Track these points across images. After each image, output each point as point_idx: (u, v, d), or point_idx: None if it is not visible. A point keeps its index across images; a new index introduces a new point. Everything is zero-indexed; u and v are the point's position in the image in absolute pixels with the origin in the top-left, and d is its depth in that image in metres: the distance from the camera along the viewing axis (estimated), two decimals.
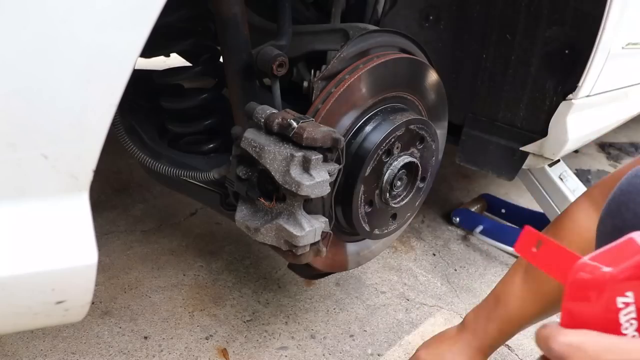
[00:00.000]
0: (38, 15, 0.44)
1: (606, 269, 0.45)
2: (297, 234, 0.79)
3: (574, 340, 0.46)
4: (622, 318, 0.46)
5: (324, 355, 1.16)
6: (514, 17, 1.18)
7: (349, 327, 1.25)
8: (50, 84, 0.47)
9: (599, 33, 1.08)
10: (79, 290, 0.57)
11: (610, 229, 0.65)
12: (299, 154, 0.75)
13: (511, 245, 1.61)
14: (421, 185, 1.03)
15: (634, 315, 0.46)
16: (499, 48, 1.23)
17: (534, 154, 1.29)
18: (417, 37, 1.05)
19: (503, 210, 1.83)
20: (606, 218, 0.66)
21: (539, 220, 1.72)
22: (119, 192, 1.69)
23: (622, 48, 1.25)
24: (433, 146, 1.01)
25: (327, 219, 0.86)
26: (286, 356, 1.14)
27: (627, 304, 0.46)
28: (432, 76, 1.04)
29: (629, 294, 0.46)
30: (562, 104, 1.19)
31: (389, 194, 0.96)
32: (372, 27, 0.95)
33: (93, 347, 1.10)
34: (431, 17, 1.30)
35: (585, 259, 0.46)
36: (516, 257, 1.62)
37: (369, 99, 0.91)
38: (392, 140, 0.91)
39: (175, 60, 1.21)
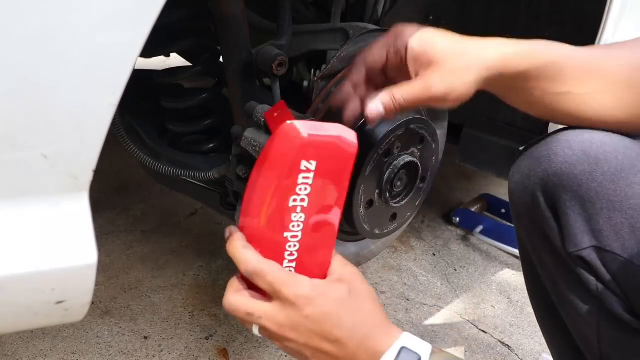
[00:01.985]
0: (38, 15, 0.44)
1: (304, 132, 0.55)
2: None
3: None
4: (300, 179, 0.56)
5: None
6: (514, 17, 1.18)
7: None
8: (50, 84, 0.47)
9: (599, 33, 1.08)
10: (79, 290, 0.57)
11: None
12: None
13: (511, 245, 1.61)
14: (421, 185, 1.03)
15: (310, 181, 0.57)
16: None
17: None
18: None
19: (503, 210, 1.83)
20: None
21: None
22: (119, 192, 1.69)
23: None
24: (433, 146, 1.01)
25: None
26: (286, 356, 1.14)
27: (308, 170, 0.56)
28: None
29: (313, 162, 0.56)
30: None
31: (389, 194, 0.96)
32: (372, 27, 0.95)
33: (93, 347, 1.10)
34: (431, 17, 1.30)
35: (296, 122, 0.55)
36: (516, 257, 1.63)
37: None
38: (392, 139, 0.91)
39: (175, 60, 1.21)
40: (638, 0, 1.18)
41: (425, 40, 0.64)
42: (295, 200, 0.58)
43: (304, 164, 0.56)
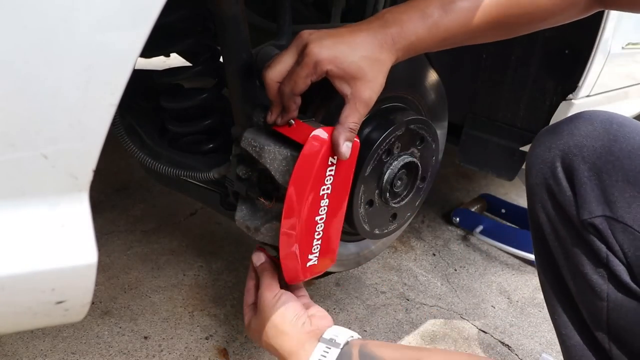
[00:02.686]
0: (38, 15, 0.44)
1: (326, 137, 0.70)
2: None
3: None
4: (328, 172, 0.74)
5: None
6: None
7: (349, 327, 1.25)
8: (50, 84, 0.47)
9: (599, 33, 1.08)
10: (79, 290, 0.57)
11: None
12: (298, 153, 0.75)
13: (511, 245, 1.61)
14: (421, 185, 1.03)
15: (333, 172, 0.74)
16: (498, 48, 1.23)
17: None
18: None
19: (503, 210, 1.83)
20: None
21: None
22: (119, 192, 1.69)
23: (622, 48, 1.25)
24: (433, 146, 1.01)
25: None
26: None
27: (332, 164, 0.73)
28: (432, 76, 1.04)
29: (335, 157, 0.73)
30: (562, 104, 1.19)
31: (389, 194, 0.96)
32: None
33: (93, 347, 1.10)
34: None
35: (316, 131, 0.70)
36: (516, 257, 1.63)
37: None
38: (392, 139, 0.91)
39: (175, 60, 1.21)
40: None
41: (337, 60, 0.67)
42: (323, 189, 0.75)
43: (330, 160, 0.73)
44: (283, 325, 0.74)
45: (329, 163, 0.73)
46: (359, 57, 0.67)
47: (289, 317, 0.74)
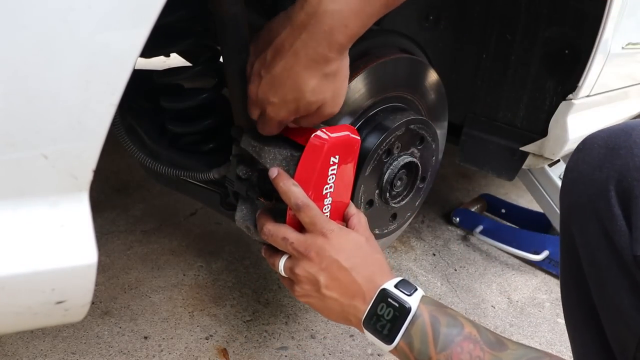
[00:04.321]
0: (38, 15, 0.44)
1: (327, 137, 0.73)
2: None
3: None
4: (330, 171, 0.76)
5: (324, 355, 1.16)
6: (514, 17, 1.18)
7: (349, 327, 1.25)
8: (50, 84, 0.47)
9: (599, 33, 1.08)
10: (79, 290, 0.57)
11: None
12: (299, 154, 0.75)
13: (511, 245, 1.61)
14: (421, 185, 1.03)
15: (335, 171, 0.77)
16: (498, 48, 1.23)
17: (534, 154, 1.29)
18: (417, 37, 1.05)
19: (503, 210, 1.83)
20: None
21: (539, 220, 1.72)
22: (119, 192, 1.69)
23: (622, 48, 1.25)
24: (433, 146, 1.01)
25: None
26: (286, 356, 1.14)
27: (334, 163, 0.76)
28: (432, 76, 1.04)
29: (337, 156, 0.76)
30: (562, 104, 1.19)
31: (389, 194, 0.96)
32: (372, 27, 0.95)
33: (93, 347, 1.10)
34: (431, 17, 1.30)
35: (318, 132, 0.74)
36: (516, 257, 1.63)
37: (369, 98, 0.91)
38: (392, 139, 0.91)
39: (175, 60, 1.21)
40: (638, 0, 1.19)
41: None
42: (326, 188, 0.77)
43: (332, 160, 0.76)
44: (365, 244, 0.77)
45: (331, 162, 0.76)
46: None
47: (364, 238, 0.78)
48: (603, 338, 0.74)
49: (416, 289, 0.72)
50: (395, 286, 0.72)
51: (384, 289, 0.71)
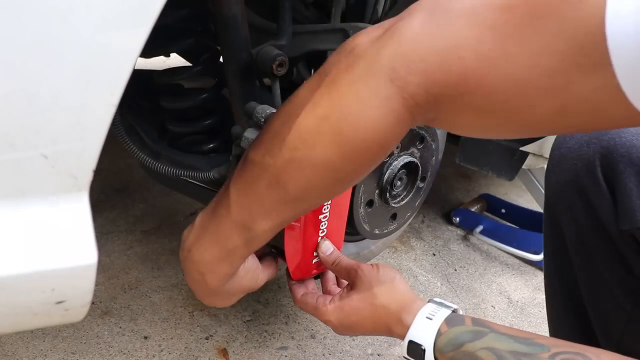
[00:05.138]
0: (38, 15, 0.44)
1: None
2: None
3: None
4: (322, 216, 0.80)
5: (324, 355, 1.16)
6: None
7: None
8: (50, 84, 0.47)
9: None
10: (79, 290, 0.57)
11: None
12: None
13: (511, 245, 1.61)
14: (421, 185, 1.03)
15: (328, 216, 0.80)
16: None
17: (534, 154, 1.28)
18: None
19: (503, 210, 1.83)
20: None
21: (539, 221, 1.72)
22: (119, 192, 1.69)
23: None
24: (433, 146, 1.01)
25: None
26: (286, 356, 1.14)
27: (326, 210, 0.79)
28: None
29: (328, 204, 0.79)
30: None
31: (389, 194, 0.96)
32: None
33: (93, 347, 1.10)
34: None
35: None
36: (516, 257, 1.63)
37: None
38: None
39: (175, 60, 1.21)
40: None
41: None
42: (322, 228, 0.82)
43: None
44: (397, 284, 0.74)
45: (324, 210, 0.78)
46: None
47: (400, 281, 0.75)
48: (586, 325, 0.73)
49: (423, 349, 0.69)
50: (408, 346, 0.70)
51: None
